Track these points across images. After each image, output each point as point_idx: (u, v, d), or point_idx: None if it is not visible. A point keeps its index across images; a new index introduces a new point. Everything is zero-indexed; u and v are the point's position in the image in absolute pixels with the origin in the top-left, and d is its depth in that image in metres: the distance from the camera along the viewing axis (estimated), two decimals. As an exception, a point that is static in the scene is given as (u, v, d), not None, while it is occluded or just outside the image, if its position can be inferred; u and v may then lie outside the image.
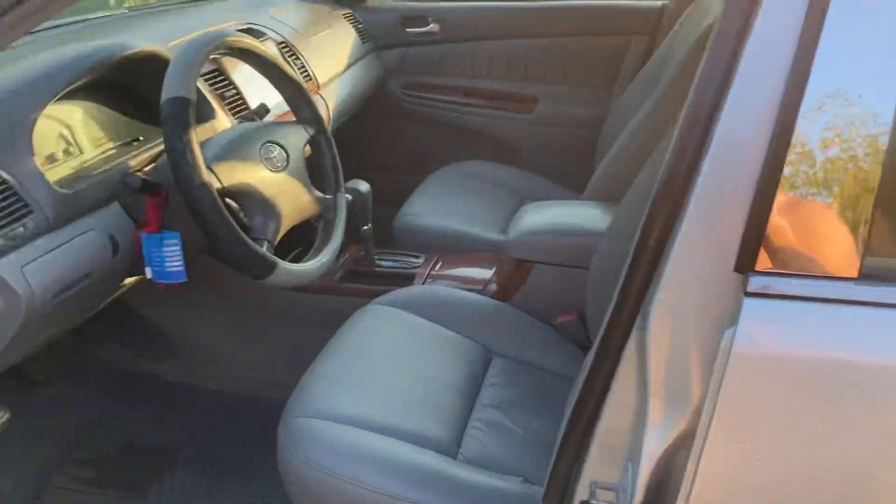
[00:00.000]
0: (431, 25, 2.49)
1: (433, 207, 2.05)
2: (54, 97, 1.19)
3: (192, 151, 1.11)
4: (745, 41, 0.66)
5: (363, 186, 1.72)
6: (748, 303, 0.66)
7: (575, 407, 0.84)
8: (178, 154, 1.11)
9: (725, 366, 0.66)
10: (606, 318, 0.80)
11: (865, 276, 0.65)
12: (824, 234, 0.66)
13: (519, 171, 2.36)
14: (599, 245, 1.44)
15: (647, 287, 0.74)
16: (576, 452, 0.86)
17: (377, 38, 2.52)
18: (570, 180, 2.34)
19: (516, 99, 2.49)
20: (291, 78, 1.41)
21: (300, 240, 1.60)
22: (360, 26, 2.44)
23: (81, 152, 1.31)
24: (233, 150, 1.24)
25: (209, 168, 1.16)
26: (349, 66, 2.25)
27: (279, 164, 1.31)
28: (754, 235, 0.66)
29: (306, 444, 1.16)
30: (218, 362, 1.90)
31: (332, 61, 2.15)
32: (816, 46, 0.63)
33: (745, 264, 0.67)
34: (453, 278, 1.76)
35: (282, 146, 1.34)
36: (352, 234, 1.80)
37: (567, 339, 1.56)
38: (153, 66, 1.44)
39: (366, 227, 1.78)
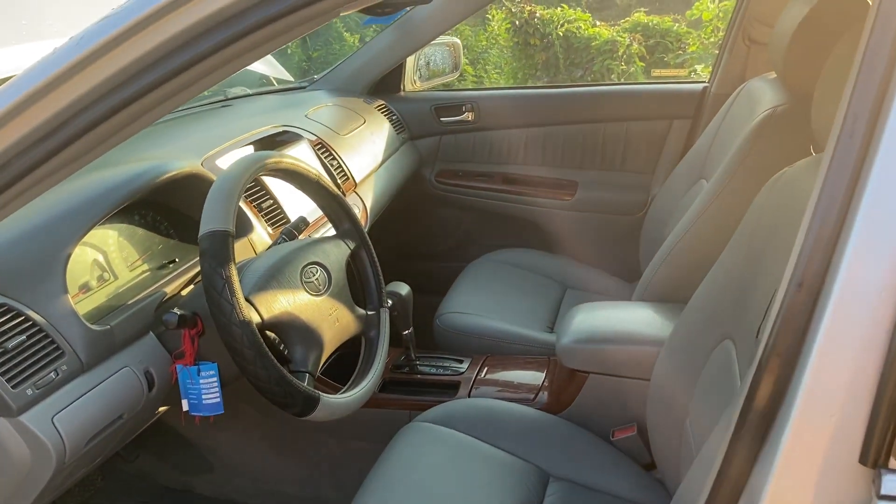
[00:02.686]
0: (465, 114, 2.45)
1: (475, 302, 1.97)
2: (90, 230, 1.15)
3: (231, 288, 1.05)
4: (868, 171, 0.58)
5: (403, 290, 1.65)
6: (883, 508, 0.56)
7: None
8: (216, 291, 1.05)
9: None
10: (707, 489, 0.70)
11: None
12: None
13: (559, 258, 2.29)
14: (660, 357, 1.34)
15: (751, 470, 0.65)
16: None
17: (411, 127, 2.49)
18: (612, 267, 2.26)
19: (555, 185, 2.43)
20: (332, 193, 1.36)
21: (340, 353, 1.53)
22: (394, 117, 2.42)
23: (116, 278, 1.26)
24: (272, 277, 1.18)
25: (248, 300, 1.10)
26: (385, 160, 2.22)
27: (321, 288, 1.25)
28: (887, 418, 0.57)
29: None
30: (257, 478, 1.81)
31: (368, 157, 2.12)
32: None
33: (871, 456, 0.57)
34: (501, 385, 1.67)
35: (323, 266, 1.28)
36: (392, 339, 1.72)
37: (627, 456, 1.45)
38: (191, 182, 1.40)
39: (407, 332, 1.71)
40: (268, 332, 1.17)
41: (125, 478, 1.82)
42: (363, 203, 1.95)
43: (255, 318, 1.10)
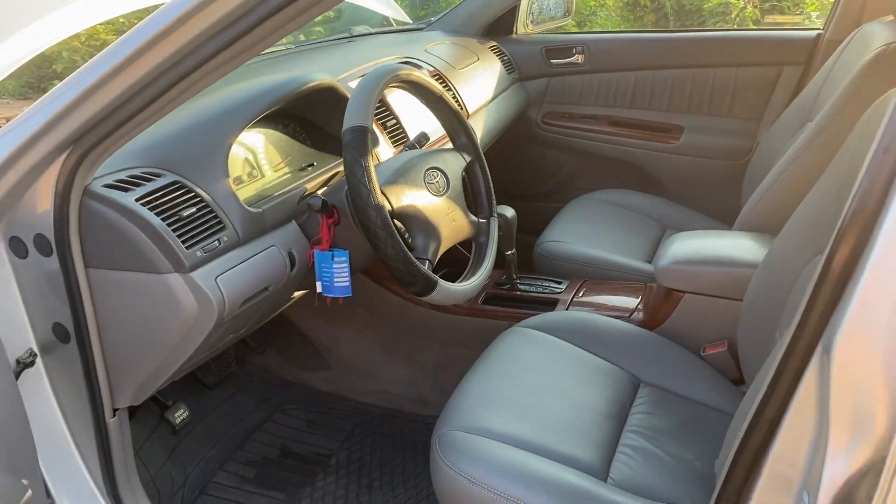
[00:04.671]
0: (575, 56, 2.53)
1: (574, 233, 2.07)
2: (247, 125, 1.32)
3: (369, 176, 1.20)
4: None
5: (509, 212, 1.77)
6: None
7: (746, 433, 0.84)
8: (356, 178, 1.20)
9: None
10: (784, 343, 0.80)
11: None
12: None
13: (661, 200, 2.35)
14: (755, 277, 1.41)
15: (832, 311, 0.74)
16: (744, 481, 0.86)
17: (521, 68, 2.59)
18: (714, 211, 2.30)
19: (661, 129, 2.48)
20: (453, 108, 1.49)
21: (449, 262, 1.67)
22: (505, 58, 2.52)
23: (263, 175, 1.44)
24: (401, 175, 1.33)
25: (382, 192, 1.25)
26: (495, 96, 2.33)
27: (441, 189, 1.39)
28: None
29: (461, 457, 1.21)
30: (367, 377, 2.00)
31: (480, 91, 2.24)
32: None
33: None
34: (598, 305, 1.77)
35: (443, 171, 1.41)
36: (496, 258, 1.85)
37: (717, 370, 1.53)
38: (327, 97, 1.56)
39: (510, 252, 1.83)
40: (396, 221, 1.32)
41: (253, 370, 2.05)
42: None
43: (387, 206, 1.25)
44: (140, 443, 1.67)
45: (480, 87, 2.25)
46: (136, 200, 1.12)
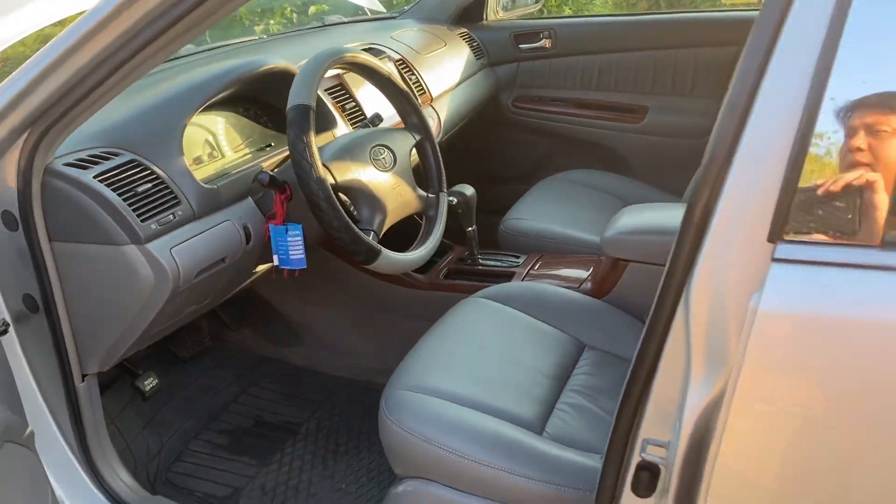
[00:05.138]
0: (542, 41, 2.60)
1: (538, 212, 2.15)
2: (201, 106, 1.41)
3: (310, 151, 1.29)
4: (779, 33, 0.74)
5: (468, 190, 1.85)
6: (775, 268, 0.73)
7: (631, 374, 0.93)
8: (298, 153, 1.29)
9: (752, 327, 0.73)
10: (658, 290, 0.88)
11: (887, 243, 0.70)
12: (848, 205, 0.72)
13: (626, 178, 2.42)
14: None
15: (693, 260, 0.82)
16: (633, 416, 0.94)
17: (491, 54, 2.66)
18: (678, 188, 2.37)
19: (626, 109, 2.55)
20: (401, 89, 1.57)
21: (405, 236, 1.75)
22: (474, 44, 2.60)
23: (223, 156, 1.53)
24: (346, 151, 1.42)
25: (325, 166, 1.34)
26: (462, 80, 2.41)
27: (387, 165, 1.47)
28: (783, 209, 0.73)
29: (405, 414, 1.29)
30: (338, 350, 2.09)
31: (446, 76, 2.32)
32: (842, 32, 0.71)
33: (775, 234, 0.74)
34: (551, 277, 1.85)
35: (390, 149, 1.50)
36: (458, 235, 1.94)
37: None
38: (285, 80, 1.64)
39: (470, 229, 1.91)
40: (341, 195, 1.40)
41: (230, 346, 2.14)
42: (438, 116, 2.16)
43: (330, 179, 1.34)
44: (116, 412, 1.77)
45: (447, 71, 2.33)
46: (94, 177, 1.21)
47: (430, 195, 1.60)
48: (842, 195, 0.72)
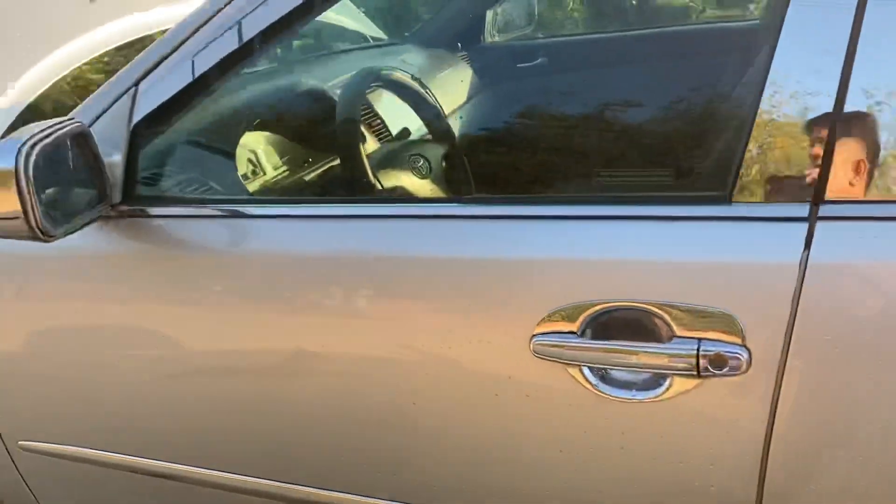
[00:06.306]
0: (540, 59, 2.73)
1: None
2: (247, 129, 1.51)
3: (361, 160, 1.39)
4: None
5: None
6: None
7: None
8: (351, 162, 1.39)
9: None
10: None
11: None
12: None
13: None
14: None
15: None
16: None
17: (492, 74, 2.79)
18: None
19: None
20: (429, 102, 1.69)
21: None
22: (475, 65, 2.72)
23: (265, 173, 1.62)
24: (388, 160, 1.52)
25: (374, 174, 1.44)
26: (469, 99, 2.53)
27: (424, 172, 1.58)
28: None
29: None
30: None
31: (456, 96, 2.44)
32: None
33: None
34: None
35: (424, 157, 1.61)
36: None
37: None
38: (317, 101, 1.75)
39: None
40: None
41: None
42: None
43: (378, 186, 1.44)
44: None
45: (455, 92, 2.45)
46: None
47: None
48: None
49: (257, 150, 1.64)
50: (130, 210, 1.21)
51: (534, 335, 0.98)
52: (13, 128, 1.76)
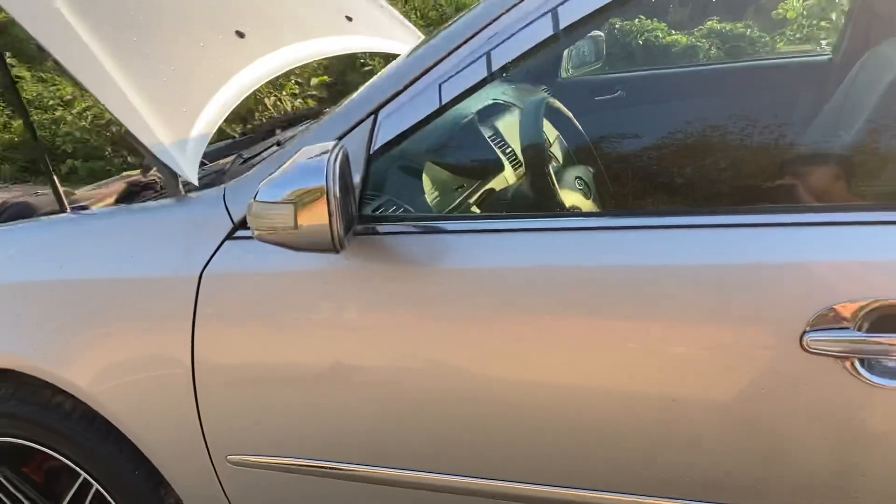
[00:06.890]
0: (617, 92, 2.86)
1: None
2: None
3: (553, 181, 1.48)
4: None
5: None
6: None
7: None
8: (538, 176, 1.48)
9: None
10: None
11: None
12: None
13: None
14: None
15: None
16: None
17: (571, 107, 2.90)
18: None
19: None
20: (579, 129, 1.79)
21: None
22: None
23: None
24: (564, 183, 1.61)
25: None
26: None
27: (588, 194, 1.67)
28: None
29: None
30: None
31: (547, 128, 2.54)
32: None
33: None
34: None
35: (584, 179, 1.69)
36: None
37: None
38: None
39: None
40: None
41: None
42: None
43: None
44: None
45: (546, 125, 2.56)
46: None
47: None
48: None
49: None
50: (364, 228, 1.26)
51: (804, 332, 1.06)
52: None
